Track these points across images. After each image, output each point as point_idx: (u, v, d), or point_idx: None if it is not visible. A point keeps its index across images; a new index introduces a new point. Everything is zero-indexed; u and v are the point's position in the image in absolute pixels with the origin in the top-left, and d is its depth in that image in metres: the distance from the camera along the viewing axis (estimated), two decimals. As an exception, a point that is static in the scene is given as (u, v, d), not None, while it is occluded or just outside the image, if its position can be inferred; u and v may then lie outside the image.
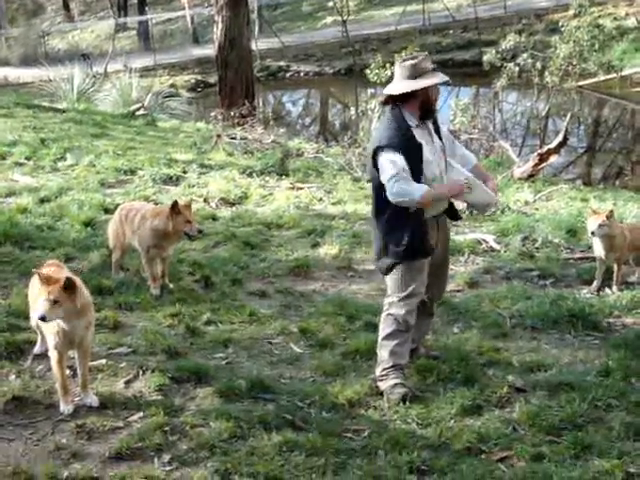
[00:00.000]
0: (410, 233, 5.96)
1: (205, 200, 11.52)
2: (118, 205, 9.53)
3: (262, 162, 13.80)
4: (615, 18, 29.31)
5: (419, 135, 5.97)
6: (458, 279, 8.57)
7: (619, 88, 25.41)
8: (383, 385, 6.16)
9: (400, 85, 5.98)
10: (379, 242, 6.17)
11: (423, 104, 5.97)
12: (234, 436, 5.46)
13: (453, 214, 6.45)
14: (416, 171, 5.87)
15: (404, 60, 6.02)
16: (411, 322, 6.15)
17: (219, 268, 8.63)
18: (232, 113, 17.96)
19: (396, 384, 6.09)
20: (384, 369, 6.19)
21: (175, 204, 7.76)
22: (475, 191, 6.09)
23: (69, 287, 5.43)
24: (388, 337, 6.20)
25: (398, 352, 6.17)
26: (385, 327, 6.22)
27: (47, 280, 5.43)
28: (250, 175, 13.07)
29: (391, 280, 6.19)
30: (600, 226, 8.03)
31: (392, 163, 5.82)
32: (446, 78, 6.04)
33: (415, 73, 5.89)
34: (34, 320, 6.01)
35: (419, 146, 5.91)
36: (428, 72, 5.93)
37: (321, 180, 12.99)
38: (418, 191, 5.79)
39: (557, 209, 11.33)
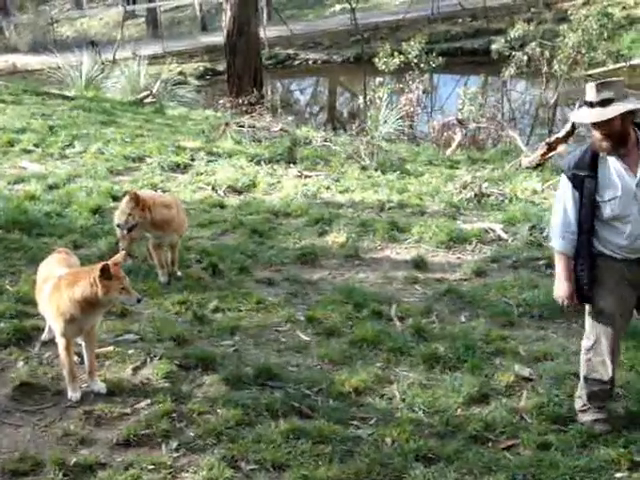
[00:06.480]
0: (578, 266, 5.41)
1: (213, 188, 11.52)
2: (126, 193, 9.53)
3: (270, 150, 13.78)
4: (624, 7, 29.18)
5: (608, 165, 5.15)
6: (465, 268, 8.57)
7: (628, 77, 25.26)
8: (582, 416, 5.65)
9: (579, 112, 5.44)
10: None
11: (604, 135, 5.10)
12: (241, 423, 5.49)
13: None
14: (589, 204, 5.19)
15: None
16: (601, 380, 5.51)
17: (227, 256, 8.64)
18: (240, 101, 17.90)
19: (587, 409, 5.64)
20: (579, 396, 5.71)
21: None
22: None
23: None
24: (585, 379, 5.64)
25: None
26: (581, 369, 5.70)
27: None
28: (258, 163, 13.04)
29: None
30: None
31: (560, 194, 5.38)
32: (587, 120, 5.16)
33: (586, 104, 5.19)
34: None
35: (592, 176, 5.14)
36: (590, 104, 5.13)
37: (329, 168, 12.96)
38: (553, 239, 5.47)
39: (565, 198, 11.28)
